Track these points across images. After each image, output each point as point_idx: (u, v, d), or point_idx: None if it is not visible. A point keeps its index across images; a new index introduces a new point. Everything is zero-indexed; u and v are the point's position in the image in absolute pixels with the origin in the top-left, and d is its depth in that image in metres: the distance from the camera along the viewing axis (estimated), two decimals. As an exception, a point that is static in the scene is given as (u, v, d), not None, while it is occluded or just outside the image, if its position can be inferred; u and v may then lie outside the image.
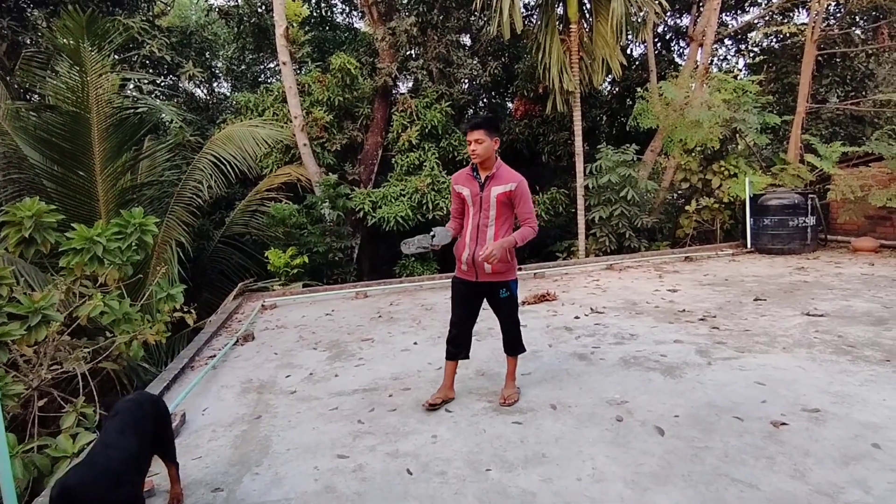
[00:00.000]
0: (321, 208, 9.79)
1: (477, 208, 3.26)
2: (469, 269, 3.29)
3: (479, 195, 3.24)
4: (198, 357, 4.81)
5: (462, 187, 3.31)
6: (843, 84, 12.43)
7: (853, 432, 2.78)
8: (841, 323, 4.62)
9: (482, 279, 3.30)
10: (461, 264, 3.32)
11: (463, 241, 3.32)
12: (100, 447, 2.09)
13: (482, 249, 3.13)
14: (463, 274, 3.34)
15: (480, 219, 3.26)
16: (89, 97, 6.39)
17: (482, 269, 3.25)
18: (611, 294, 6.34)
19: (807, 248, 8.35)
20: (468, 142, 3.20)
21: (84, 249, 4.28)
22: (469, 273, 3.31)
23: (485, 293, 3.37)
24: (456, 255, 3.37)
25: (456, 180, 3.38)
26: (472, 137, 3.16)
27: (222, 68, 14.97)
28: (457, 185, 3.35)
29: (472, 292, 3.37)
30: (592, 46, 9.83)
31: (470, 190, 3.27)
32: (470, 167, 3.32)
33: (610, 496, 2.37)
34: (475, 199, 3.25)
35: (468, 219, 3.32)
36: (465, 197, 3.30)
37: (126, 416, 2.26)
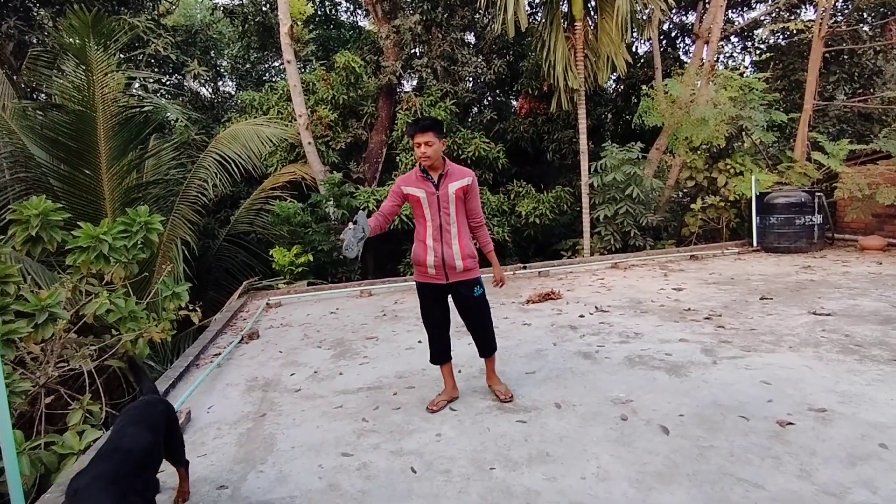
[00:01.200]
0: (326, 207, 9.80)
1: (435, 209, 3.20)
2: (438, 272, 3.23)
3: (436, 195, 3.18)
4: (203, 355, 4.83)
5: (415, 189, 3.20)
6: (851, 81, 12.33)
7: (860, 432, 2.76)
8: (848, 322, 4.59)
9: (453, 279, 3.25)
10: (426, 268, 3.24)
11: (423, 245, 3.24)
12: (117, 437, 2.11)
13: (496, 283, 3.42)
14: (430, 278, 3.27)
15: (441, 219, 3.21)
16: (95, 96, 6.42)
17: (453, 269, 3.22)
18: (616, 293, 6.32)
19: (813, 247, 8.29)
20: (416, 144, 3.12)
21: (90, 247, 4.30)
22: (438, 276, 3.24)
23: (454, 294, 3.32)
24: (416, 261, 3.29)
25: (405, 183, 3.25)
26: (422, 140, 3.09)
27: (227, 67, 15.03)
28: (406, 187, 3.23)
29: (442, 295, 3.34)
30: (597, 44, 9.79)
31: (425, 191, 3.19)
32: (417, 170, 3.24)
33: (614, 495, 2.36)
34: (431, 199, 3.18)
35: (424, 223, 3.24)
36: (418, 199, 3.20)
37: (139, 413, 2.28)
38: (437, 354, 3.43)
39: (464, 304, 3.35)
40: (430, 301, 3.35)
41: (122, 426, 2.19)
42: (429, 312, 3.39)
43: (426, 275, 3.27)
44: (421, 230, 3.28)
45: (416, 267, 3.34)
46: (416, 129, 3.13)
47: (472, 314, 3.38)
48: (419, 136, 3.10)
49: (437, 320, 3.39)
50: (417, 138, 3.11)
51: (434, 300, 3.34)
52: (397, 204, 3.27)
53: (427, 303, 3.37)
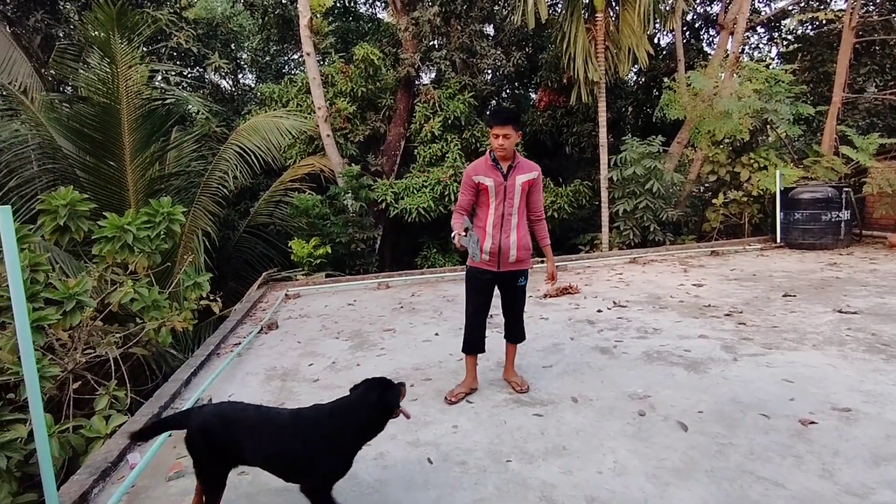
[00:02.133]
0: (344, 199, 9.85)
1: (501, 198, 3.23)
2: (492, 259, 3.27)
3: (504, 185, 3.21)
4: (223, 344, 4.91)
5: (484, 178, 3.22)
6: (882, 73, 11.94)
7: (885, 432, 2.71)
8: (875, 321, 4.48)
9: (504, 269, 3.30)
10: (482, 254, 3.25)
11: (483, 231, 3.27)
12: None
13: (547, 279, 3.54)
14: (483, 264, 3.28)
15: (504, 208, 3.24)
16: (119, 88, 6.53)
17: (506, 258, 3.27)
18: (634, 288, 6.26)
19: (840, 244, 8.10)
20: (495, 135, 3.11)
21: (115, 237, 4.40)
22: (491, 263, 3.28)
23: (502, 283, 3.36)
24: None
25: (476, 171, 3.26)
26: (501, 132, 3.09)
27: (247, 59, 15.13)
28: (477, 175, 3.24)
29: (491, 283, 3.36)
30: (618, 35, 9.64)
31: (493, 180, 3.21)
32: (488, 158, 3.25)
33: (631, 490, 2.35)
34: (499, 188, 3.21)
35: (487, 209, 3.27)
36: (486, 187, 3.22)
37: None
38: (472, 342, 3.43)
39: (510, 293, 3.40)
40: (478, 286, 3.36)
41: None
42: (474, 298, 3.40)
43: (480, 261, 3.26)
44: (483, 216, 3.30)
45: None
46: (497, 121, 3.12)
47: (514, 303, 3.44)
48: (499, 128, 3.09)
49: (480, 307, 3.39)
50: (497, 130, 3.10)
51: (482, 286, 3.36)
52: (473, 195, 3.29)
53: (475, 287, 3.38)
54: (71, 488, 2.48)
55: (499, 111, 3.30)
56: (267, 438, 2.14)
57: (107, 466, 2.65)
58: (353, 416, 2.18)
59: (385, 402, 2.22)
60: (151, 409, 3.32)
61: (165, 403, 3.46)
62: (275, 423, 2.20)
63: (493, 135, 3.13)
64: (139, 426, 2.54)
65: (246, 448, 2.13)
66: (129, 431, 2.30)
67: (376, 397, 2.20)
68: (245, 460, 2.19)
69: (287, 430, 2.16)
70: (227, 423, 2.15)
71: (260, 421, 2.19)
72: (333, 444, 2.13)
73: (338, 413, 2.19)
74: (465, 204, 3.29)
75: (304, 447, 2.12)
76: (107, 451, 2.81)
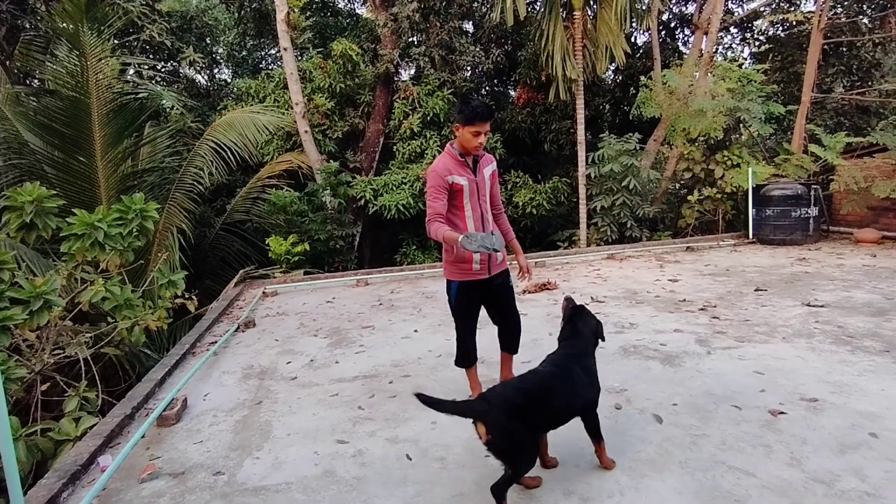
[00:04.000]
0: (322, 196, 9.77)
1: (475, 197, 2.98)
2: (482, 266, 3.01)
3: (475, 181, 2.98)
4: (199, 343, 4.83)
5: (458, 178, 2.91)
6: (849, 74, 12.32)
7: (851, 421, 2.79)
8: (841, 313, 4.62)
9: (494, 272, 3.08)
10: (470, 265, 2.97)
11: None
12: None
13: (522, 273, 3.28)
14: (474, 274, 3.01)
15: (481, 207, 3.01)
16: (89, 82, 6.36)
17: (494, 261, 3.05)
18: (611, 283, 6.34)
19: (809, 239, 8.33)
20: (476, 133, 2.82)
21: (85, 235, 4.29)
22: (482, 271, 3.01)
23: (491, 289, 3.12)
24: (458, 259, 2.98)
25: (447, 171, 2.89)
26: (485, 129, 2.85)
27: (223, 54, 14.88)
28: (450, 175, 2.89)
29: (482, 291, 3.11)
30: (596, 34, 9.74)
31: (467, 178, 2.94)
32: (454, 154, 2.95)
33: (607, 482, 2.38)
34: (472, 186, 2.96)
35: (462, 213, 2.97)
36: (461, 187, 2.91)
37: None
38: (467, 356, 3.21)
39: (501, 296, 3.16)
40: (471, 299, 3.10)
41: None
42: (466, 311, 3.13)
43: (469, 271, 3.00)
44: (460, 224, 2.97)
45: (456, 265, 3.01)
46: (482, 117, 2.82)
47: (507, 306, 3.21)
48: (483, 125, 2.83)
49: (472, 319, 3.16)
50: (480, 126, 2.82)
51: (476, 297, 3.11)
52: (447, 198, 2.91)
53: (467, 301, 3.10)
54: (39, 493, 2.41)
55: (481, 107, 2.85)
56: (566, 395, 2.37)
57: (76, 469, 2.58)
58: (593, 347, 2.61)
59: (599, 326, 2.67)
60: (124, 410, 3.25)
61: (139, 404, 3.39)
62: (563, 379, 2.40)
63: (475, 132, 2.83)
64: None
65: (549, 410, 2.31)
66: (419, 394, 2.29)
67: (595, 325, 2.64)
68: (542, 425, 2.35)
69: (577, 380, 2.42)
70: (531, 395, 2.26)
71: (551, 384, 2.36)
72: (595, 374, 2.54)
73: (589, 350, 2.57)
74: (441, 209, 2.87)
75: (591, 387, 2.48)
76: (77, 453, 2.74)
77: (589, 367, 2.50)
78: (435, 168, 2.93)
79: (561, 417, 2.38)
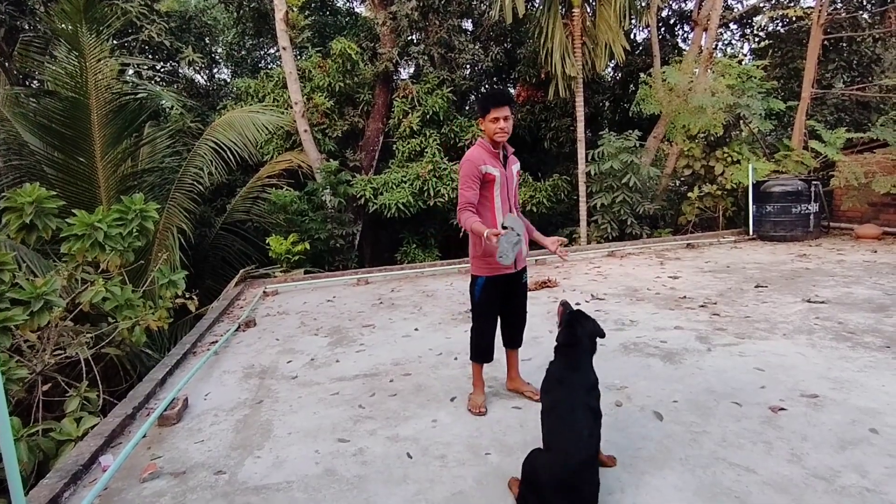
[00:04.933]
0: (322, 195, 9.77)
1: (505, 190, 2.98)
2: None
3: (505, 175, 2.99)
4: (200, 343, 4.84)
5: (491, 168, 2.90)
6: (850, 69, 12.27)
7: (851, 417, 2.79)
8: (842, 310, 4.62)
9: (520, 267, 3.10)
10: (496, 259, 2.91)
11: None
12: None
13: (555, 246, 3.01)
14: (503, 269, 2.99)
15: (510, 201, 3.01)
16: (88, 82, 6.36)
17: (521, 257, 3.01)
18: (612, 281, 6.34)
19: (809, 236, 8.32)
20: (495, 119, 2.81)
21: (85, 235, 4.29)
22: (510, 265, 2.97)
23: (511, 285, 3.13)
24: (486, 252, 2.93)
25: (481, 160, 2.89)
26: (502, 114, 2.81)
27: (222, 54, 14.86)
28: (484, 165, 2.88)
29: (506, 287, 3.11)
30: (595, 31, 9.72)
31: (499, 170, 2.92)
32: (486, 146, 2.94)
33: (608, 479, 2.38)
34: (503, 179, 2.96)
35: (492, 205, 2.96)
36: (493, 178, 2.90)
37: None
38: (487, 352, 3.19)
39: (518, 292, 3.19)
40: (497, 294, 3.09)
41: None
42: (490, 307, 3.12)
43: (497, 266, 2.95)
44: (489, 215, 2.96)
45: (484, 260, 2.99)
46: (496, 102, 2.82)
47: (521, 302, 3.24)
48: (500, 110, 2.80)
49: (495, 315, 3.16)
50: (497, 112, 2.80)
51: (500, 293, 3.09)
52: (479, 187, 2.91)
53: (494, 297, 3.09)
54: (40, 493, 2.42)
55: (495, 93, 2.89)
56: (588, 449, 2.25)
57: (78, 469, 2.59)
58: (590, 355, 2.54)
59: (596, 326, 2.60)
60: (125, 410, 3.25)
61: (140, 404, 3.39)
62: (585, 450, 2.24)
63: (493, 119, 2.82)
64: None
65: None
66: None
67: (592, 327, 2.57)
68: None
69: (588, 426, 2.29)
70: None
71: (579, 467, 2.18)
72: (595, 383, 2.46)
73: (588, 359, 2.51)
74: (473, 198, 2.89)
75: (595, 402, 2.39)
76: (78, 453, 2.74)
77: (590, 381, 2.41)
78: (469, 157, 2.93)
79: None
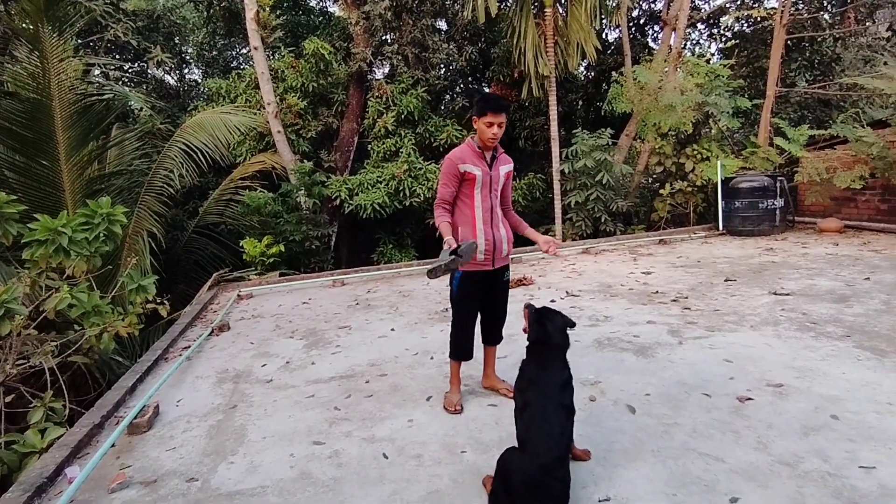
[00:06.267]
0: (297, 196, 9.67)
1: (487, 190, 3.03)
2: (487, 258, 3.05)
3: (490, 175, 3.04)
4: (172, 348, 4.74)
5: (472, 167, 2.96)
6: (811, 68, 12.67)
7: (814, 405, 2.89)
8: (805, 301, 4.77)
9: (498, 265, 3.13)
10: (476, 254, 2.97)
11: (473, 230, 3.01)
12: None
13: (547, 246, 3.02)
14: (479, 265, 3.04)
15: (492, 200, 3.07)
16: (51, 83, 6.17)
17: (500, 254, 3.10)
18: (586, 277, 6.42)
19: (776, 230, 8.56)
20: (489, 123, 2.89)
21: (49, 241, 4.16)
22: (486, 262, 3.05)
23: (490, 282, 3.17)
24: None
25: (462, 159, 2.96)
26: (498, 120, 2.89)
27: (193, 54, 14.60)
28: (464, 164, 2.96)
29: (483, 283, 3.14)
30: (567, 30, 9.83)
31: (481, 169, 2.99)
32: (472, 146, 3.01)
33: (581, 474, 2.42)
34: (486, 178, 3.02)
35: (471, 202, 3.02)
36: (474, 177, 2.97)
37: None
38: (466, 349, 3.22)
39: (497, 289, 3.22)
40: (474, 290, 3.13)
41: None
42: (471, 303, 3.16)
43: (475, 262, 3.01)
44: (468, 212, 3.03)
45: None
46: (496, 108, 2.88)
47: (502, 299, 3.28)
48: (497, 116, 2.88)
49: (474, 311, 3.20)
50: (492, 118, 2.88)
51: (478, 289, 3.13)
52: (457, 186, 3.00)
53: (472, 292, 3.13)
54: (3, 506, 2.34)
55: (495, 98, 2.97)
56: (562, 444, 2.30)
57: (42, 482, 2.51)
58: (563, 352, 2.56)
59: (565, 318, 2.61)
60: (92, 419, 3.17)
61: (108, 412, 3.31)
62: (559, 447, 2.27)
63: (488, 123, 2.89)
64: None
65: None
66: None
67: (561, 322, 2.58)
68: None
69: (561, 425, 2.33)
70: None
71: (554, 463, 2.19)
72: (570, 381, 2.48)
73: (562, 357, 2.54)
74: (448, 196, 3.00)
75: (569, 400, 2.43)
76: (43, 465, 2.66)
77: (564, 378, 2.43)
78: (450, 156, 3.01)
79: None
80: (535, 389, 2.38)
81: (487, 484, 2.34)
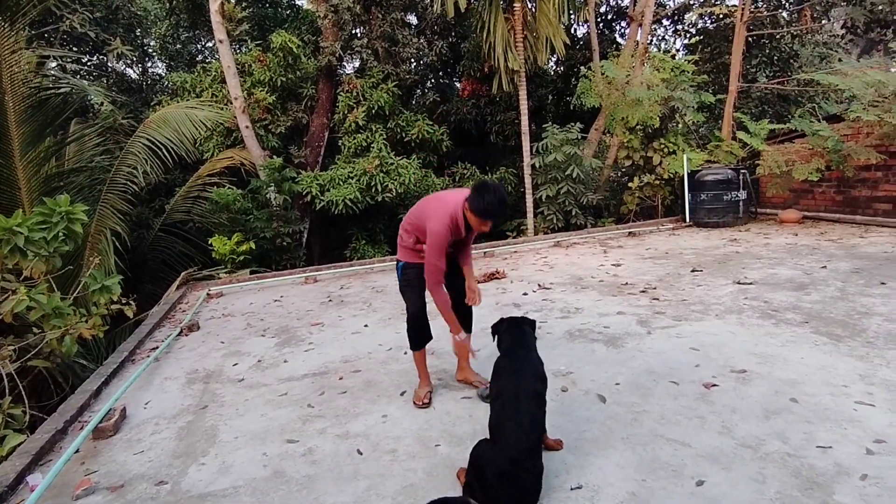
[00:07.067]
0: (267, 193, 9.50)
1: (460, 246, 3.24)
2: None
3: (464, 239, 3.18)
4: (139, 350, 4.63)
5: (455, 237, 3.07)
6: (771, 64, 13.05)
7: (774, 389, 3.01)
8: (767, 290, 4.94)
9: None
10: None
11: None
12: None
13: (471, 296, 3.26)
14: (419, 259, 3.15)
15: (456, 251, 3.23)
16: (2, 76, 5.91)
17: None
18: (558, 270, 6.51)
19: (739, 221, 8.83)
20: (485, 223, 2.93)
21: (3, 241, 3.99)
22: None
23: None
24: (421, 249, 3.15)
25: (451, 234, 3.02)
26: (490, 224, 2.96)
27: (155, 47, 14.13)
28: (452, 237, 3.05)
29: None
30: (536, 25, 9.89)
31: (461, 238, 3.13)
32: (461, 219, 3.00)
33: (554, 463, 2.46)
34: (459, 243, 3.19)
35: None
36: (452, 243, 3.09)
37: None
38: (423, 332, 3.31)
39: (452, 271, 3.23)
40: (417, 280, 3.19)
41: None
42: (416, 281, 3.19)
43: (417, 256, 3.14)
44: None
45: (414, 252, 3.18)
46: (494, 217, 2.92)
47: (459, 279, 3.31)
48: (488, 225, 2.95)
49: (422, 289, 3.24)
50: (487, 224, 2.94)
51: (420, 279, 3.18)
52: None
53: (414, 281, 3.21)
54: (-39, 518, 2.26)
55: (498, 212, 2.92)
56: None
57: (2, 491, 2.43)
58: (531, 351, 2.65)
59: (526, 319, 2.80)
60: (55, 425, 3.07)
61: (72, 417, 3.21)
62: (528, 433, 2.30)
63: (483, 223, 2.92)
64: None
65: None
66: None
67: (530, 326, 2.77)
68: None
69: (533, 413, 2.38)
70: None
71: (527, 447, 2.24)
72: (543, 375, 2.56)
73: (532, 348, 2.66)
74: (444, 267, 3.04)
75: (542, 385, 2.51)
76: (2, 474, 2.57)
77: (537, 370, 2.51)
78: (447, 224, 2.97)
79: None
80: (507, 379, 2.43)
81: (461, 476, 2.36)
